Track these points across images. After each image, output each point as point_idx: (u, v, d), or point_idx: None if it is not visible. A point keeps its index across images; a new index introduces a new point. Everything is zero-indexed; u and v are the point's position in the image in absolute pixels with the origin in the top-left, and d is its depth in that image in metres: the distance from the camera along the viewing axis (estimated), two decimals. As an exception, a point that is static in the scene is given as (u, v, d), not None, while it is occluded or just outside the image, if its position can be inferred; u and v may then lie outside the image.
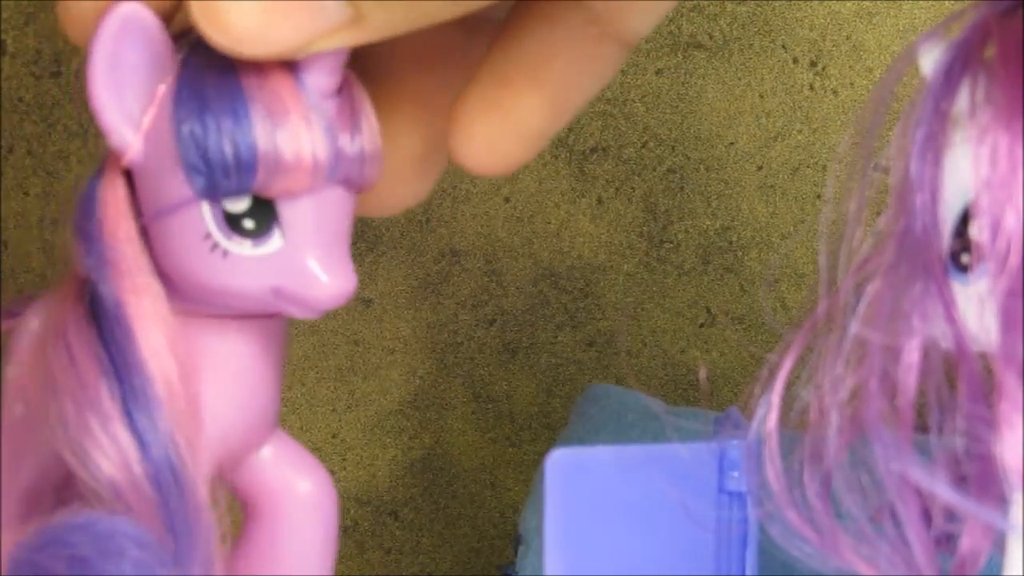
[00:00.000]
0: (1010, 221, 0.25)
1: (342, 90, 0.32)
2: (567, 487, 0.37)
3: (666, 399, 0.55)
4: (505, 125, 0.31)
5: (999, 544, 0.28)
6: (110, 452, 0.31)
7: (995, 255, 0.25)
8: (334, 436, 0.58)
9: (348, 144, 0.31)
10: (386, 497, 0.59)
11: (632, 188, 0.58)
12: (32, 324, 0.35)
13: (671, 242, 0.59)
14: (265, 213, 0.31)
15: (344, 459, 0.59)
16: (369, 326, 0.58)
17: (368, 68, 0.33)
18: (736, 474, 0.37)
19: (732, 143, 0.59)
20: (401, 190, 0.34)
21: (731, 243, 0.59)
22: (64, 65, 0.54)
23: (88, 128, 0.54)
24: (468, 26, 0.32)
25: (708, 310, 0.60)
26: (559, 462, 0.37)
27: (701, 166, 0.59)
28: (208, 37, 0.28)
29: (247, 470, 0.36)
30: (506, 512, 0.60)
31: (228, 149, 0.30)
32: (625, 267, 0.59)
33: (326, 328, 0.57)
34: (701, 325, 0.60)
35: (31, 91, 0.54)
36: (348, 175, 0.32)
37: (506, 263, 0.58)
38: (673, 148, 0.58)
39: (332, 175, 0.31)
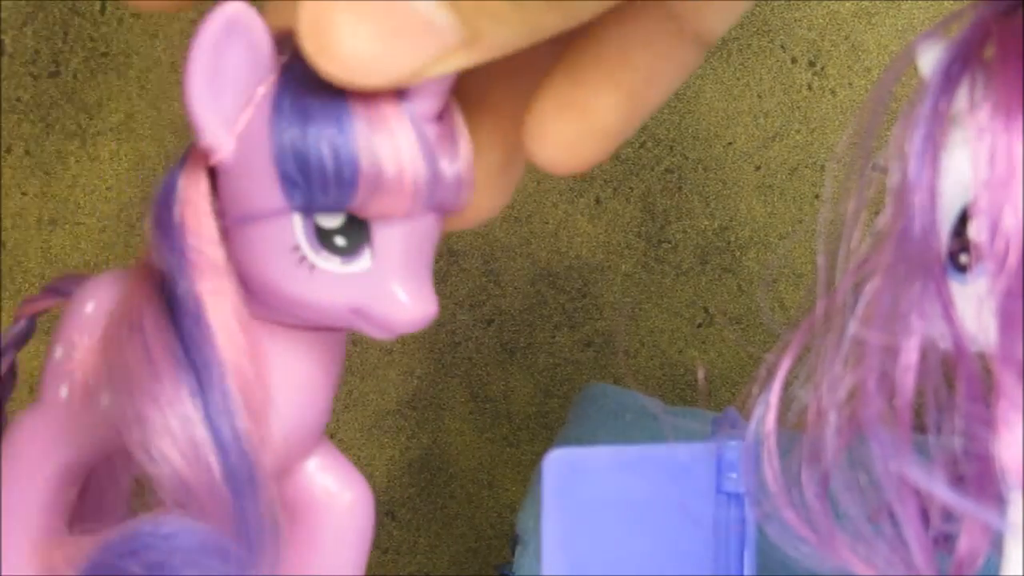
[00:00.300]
0: (1008, 221, 0.25)
1: (443, 115, 0.31)
2: (565, 487, 0.37)
3: (664, 399, 0.55)
4: (582, 124, 0.31)
5: (997, 544, 0.28)
6: (187, 451, 0.31)
7: (993, 255, 0.25)
8: (331, 436, 0.58)
9: (447, 169, 0.31)
10: (383, 497, 0.59)
11: (630, 188, 0.58)
12: (86, 308, 0.34)
13: (669, 242, 0.59)
14: (358, 232, 0.31)
15: (342, 459, 0.59)
16: (367, 326, 0.58)
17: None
18: (734, 475, 0.37)
19: (730, 143, 0.59)
20: (483, 203, 0.33)
21: (729, 243, 0.59)
22: (62, 65, 0.54)
23: (87, 128, 0.54)
24: (555, 37, 0.32)
25: (706, 310, 0.60)
26: (557, 462, 0.37)
27: (699, 166, 0.59)
28: (317, 67, 0.27)
29: (292, 479, 0.36)
30: (503, 512, 0.60)
31: (329, 165, 0.29)
32: (623, 267, 0.59)
33: (324, 328, 0.57)
34: (699, 325, 0.60)
35: (29, 91, 0.54)
36: (443, 200, 0.31)
37: (504, 263, 0.58)
38: (671, 148, 0.58)
39: (430, 200, 0.31)
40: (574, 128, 0.31)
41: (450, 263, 0.58)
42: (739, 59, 0.58)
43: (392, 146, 0.30)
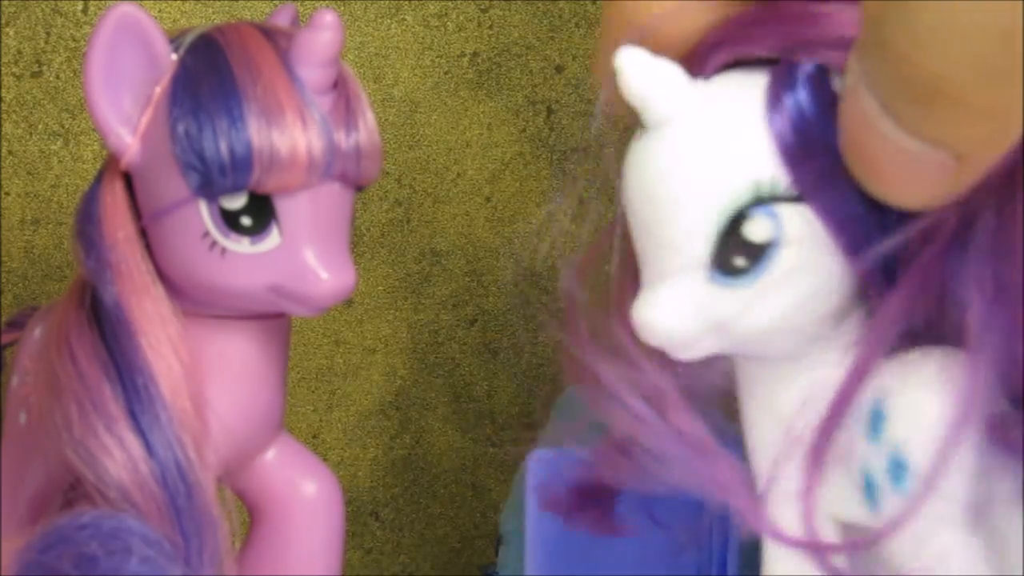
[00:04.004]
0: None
1: (337, 85, 0.32)
2: (549, 488, 0.37)
3: (647, 399, 0.55)
4: None
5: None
6: (116, 453, 0.31)
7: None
8: (315, 436, 0.58)
9: (343, 140, 0.31)
10: (367, 497, 0.59)
11: (613, 188, 0.58)
12: (35, 333, 0.35)
13: (652, 242, 0.59)
14: (262, 210, 0.31)
15: (325, 459, 0.59)
16: (350, 326, 0.58)
17: None
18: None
19: (712, 144, 0.59)
20: None
21: (711, 244, 0.59)
22: (45, 65, 0.54)
23: (69, 128, 0.54)
24: None
25: (688, 310, 0.60)
26: (541, 463, 0.37)
27: (682, 167, 0.59)
28: None
29: (252, 472, 0.36)
30: (487, 512, 0.60)
31: (223, 146, 0.30)
32: (606, 267, 0.59)
33: (307, 329, 0.57)
34: (681, 325, 0.60)
35: (12, 91, 0.54)
36: (344, 170, 0.32)
37: (487, 263, 0.58)
38: (654, 149, 0.58)
39: (328, 171, 0.31)
40: None
41: (433, 263, 0.58)
42: (721, 60, 0.58)
43: (284, 123, 0.31)
